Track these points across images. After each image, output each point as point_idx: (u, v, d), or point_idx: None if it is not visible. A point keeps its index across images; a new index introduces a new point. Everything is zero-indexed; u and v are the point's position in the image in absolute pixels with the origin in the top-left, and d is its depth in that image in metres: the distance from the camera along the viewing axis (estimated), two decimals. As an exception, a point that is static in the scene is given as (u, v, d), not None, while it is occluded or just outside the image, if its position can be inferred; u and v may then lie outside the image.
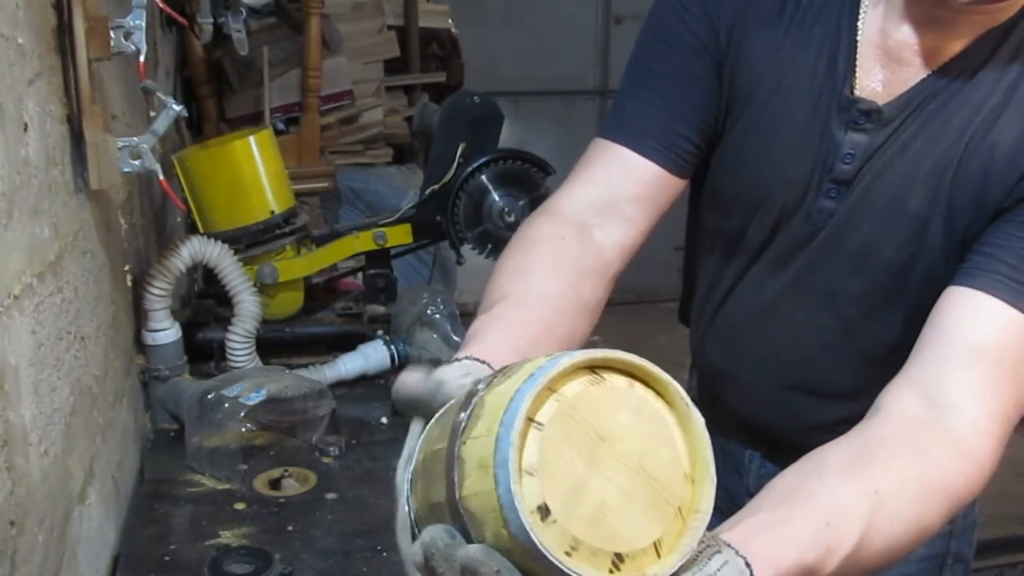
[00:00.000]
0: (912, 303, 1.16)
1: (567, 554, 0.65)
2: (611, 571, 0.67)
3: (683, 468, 0.70)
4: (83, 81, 1.17)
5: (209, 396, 1.49)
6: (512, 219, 1.91)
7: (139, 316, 1.64)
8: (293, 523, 1.35)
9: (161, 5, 1.68)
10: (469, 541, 0.70)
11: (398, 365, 1.86)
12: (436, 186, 2.00)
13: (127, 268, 1.58)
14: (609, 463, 0.67)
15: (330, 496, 1.43)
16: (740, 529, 0.82)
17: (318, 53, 3.76)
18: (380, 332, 1.90)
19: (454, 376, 0.84)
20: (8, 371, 0.87)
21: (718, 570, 0.74)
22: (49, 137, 1.08)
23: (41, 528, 0.95)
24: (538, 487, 0.65)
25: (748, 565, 0.76)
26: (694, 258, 1.41)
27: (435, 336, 1.82)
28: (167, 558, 1.26)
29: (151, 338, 1.63)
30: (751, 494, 1.09)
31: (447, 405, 0.80)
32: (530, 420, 0.66)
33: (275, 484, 1.47)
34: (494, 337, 0.97)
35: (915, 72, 1.11)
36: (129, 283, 1.59)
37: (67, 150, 1.17)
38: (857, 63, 1.13)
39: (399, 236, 2.04)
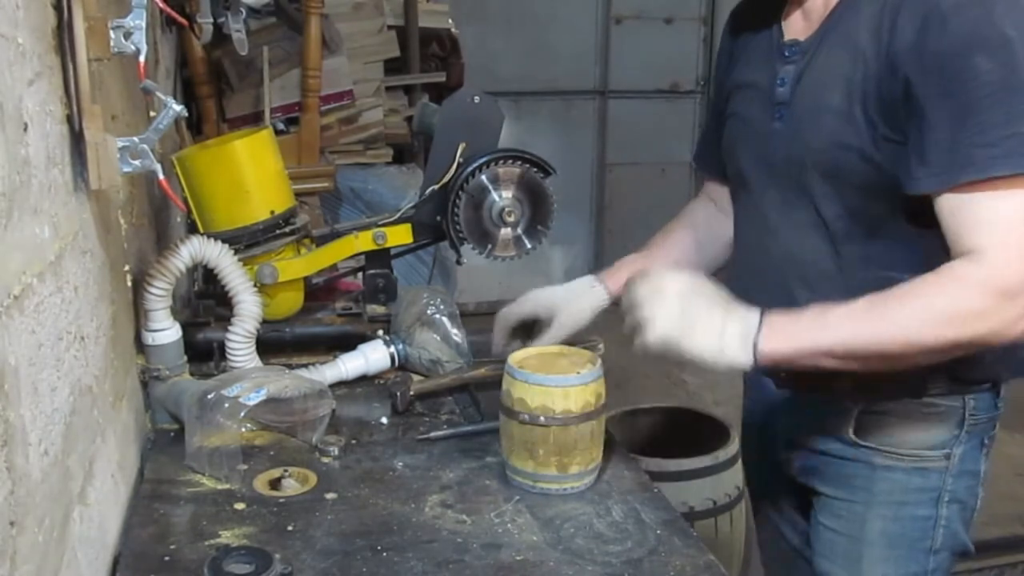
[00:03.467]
0: (853, 182, 1.44)
1: None
2: None
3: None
4: (83, 81, 1.17)
5: (209, 396, 1.49)
6: (512, 219, 1.91)
7: (139, 316, 1.64)
8: (293, 523, 1.35)
9: (161, 5, 1.68)
10: None
11: (398, 365, 1.86)
12: (436, 186, 2.00)
13: (127, 268, 1.58)
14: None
15: (330, 496, 1.43)
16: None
17: (318, 53, 3.76)
18: (380, 332, 1.90)
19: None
20: (8, 371, 0.87)
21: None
22: (49, 137, 1.08)
23: (41, 528, 0.95)
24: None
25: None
26: None
27: (435, 336, 1.82)
28: (167, 558, 1.26)
29: (151, 338, 1.63)
30: (782, 439, 1.71)
31: None
32: None
33: (275, 484, 1.47)
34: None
35: (821, 12, 1.49)
36: (129, 283, 1.59)
37: (67, 150, 1.17)
38: (784, 20, 1.57)
39: (399, 236, 2.03)
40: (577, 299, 1.72)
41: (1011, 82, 1.27)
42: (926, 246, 1.38)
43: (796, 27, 1.55)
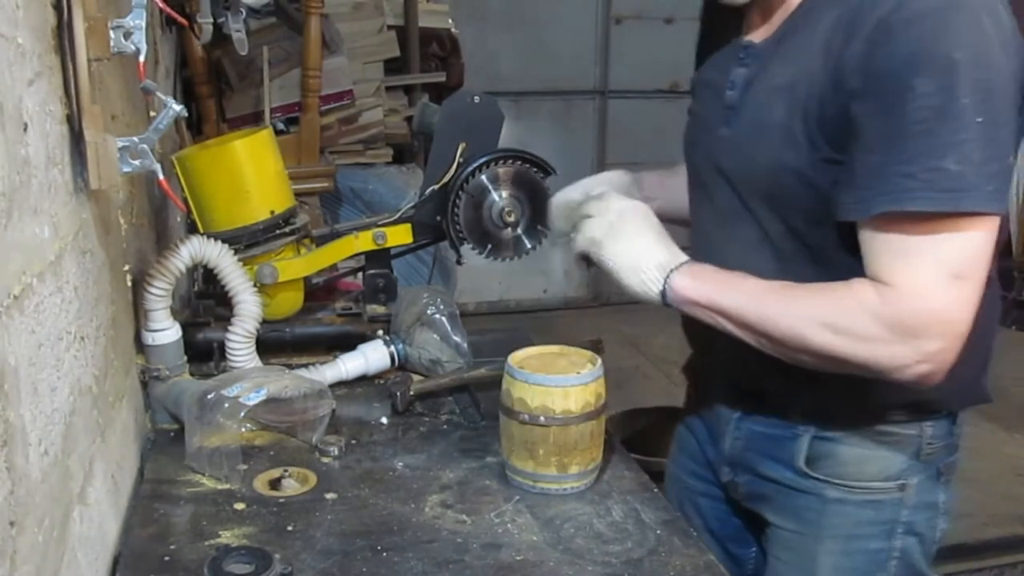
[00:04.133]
0: (794, 205, 1.38)
1: None
2: None
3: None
4: (83, 81, 1.17)
5: (209, 396, 1.49)
6: (512, 219, 1.91)
7: (139, 316, 1.64)
8: (293, 523, 1.35)
9: (161, 5, 1.68)
10: None
11: (398, 365, 1.86)
12: (436, 186, 2.00)
13: (127, 268, 1.58)
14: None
15: (330, 496, 1.43)
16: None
17: (318, 53, 3.76)
18: (380, 332, 1.90)
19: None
20: (8, 371, 0.87)
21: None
22: (49, 137, 1.08)
23: (41, 528, 0.95)
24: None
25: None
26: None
27: (435, 336, 1.82)
28: (167, 558, 1.26)
29: (151, 338, 1.63)
30: (728, 460, 1.63)
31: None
32: None
33: (275, 484, 1.47)
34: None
35: (781, 15, 1.42)
36: (129, 283, 1.59)
37: (67, 150, 1.17)
38: (746, 20, 1.50)
39: (399, 236, 2.03)
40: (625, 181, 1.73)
41: (947, 110, 1.18)
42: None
43: (755, 28, 1.48)
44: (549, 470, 1.45)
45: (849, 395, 1.42)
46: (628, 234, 1.44)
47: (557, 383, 1.43)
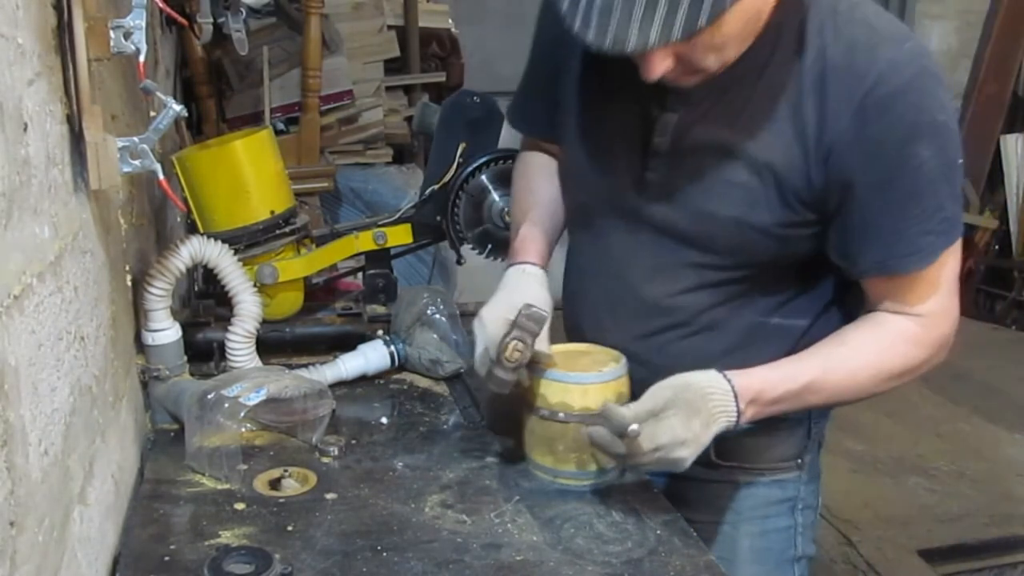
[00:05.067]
0: (746, 249, 1.41)
1: None
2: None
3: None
4: (83, 81, 1.17)
5: (209, 396, 1.49)
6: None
7: (139, 316, 1.64)
8: (293, 523, 1.35)
9: (161, 5, 1.68)
10: None
11: (398, 365, 1.86)
12: (436, 186, 2.00)
13: (127, 268, 1.58)
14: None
15: (330, 496, 1.43)
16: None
17: (318, 53, 3.77)
18: (380, 332, 1.90)
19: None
20: (8, 371, 0.87)
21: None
22: (49, 137, 1.08)
23: (41, 528, 0.95)
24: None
25: (729, 380, 1.35)
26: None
27: (435, 336, 1.82)
28: (167, 558, 1.26)
29: (151, 338, 1.63)
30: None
31: None
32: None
33: (275, 484, 1.47)
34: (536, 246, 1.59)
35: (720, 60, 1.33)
36: (129, 283, 1.59)
37: (67, 150, 1.17)
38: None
39: (399, 236, 2.04)
40: (544, 299, 1.52)
41: (946, 168, 1.31)
42: (818, 292, 1.49)
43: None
44: (568, 467, 1.45)
45: None
46: (699, 442, 1.35)
47: (576, 380, 1.43)
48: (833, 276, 1.48)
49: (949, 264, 1.37)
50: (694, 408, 1.33)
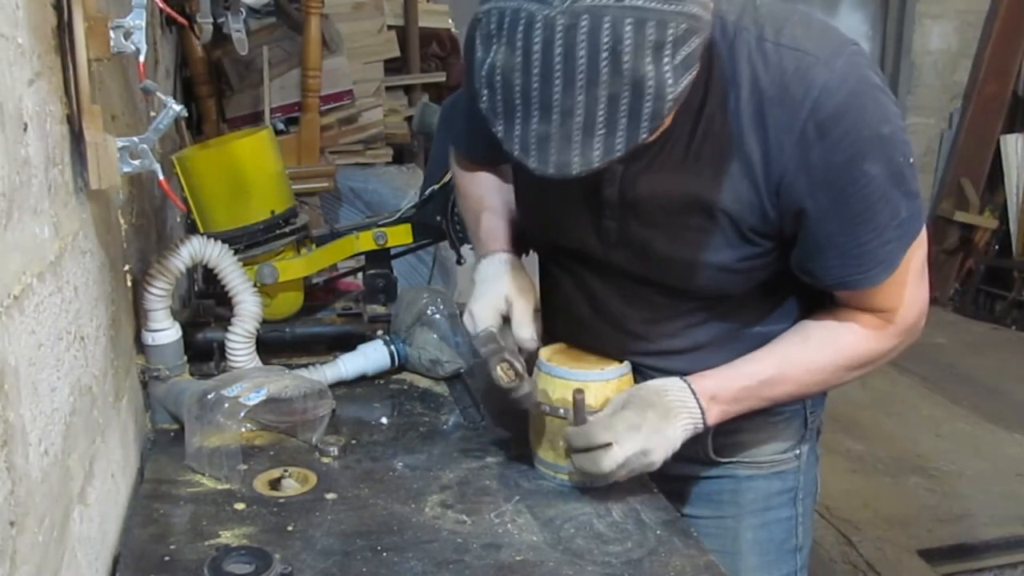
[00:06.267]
0: (711, 286, 1.42)
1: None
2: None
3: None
4: (83, 81, 1.17)
5: (209, 396, 1.49)
6: (512, 219, 1.90)
7: (139, 316, 1.64)
8: (293, 523, 1.35)
9: (161, 5, 1.68)
10: None
11: (398, 365, 1.86)
12: (436, 186, 2.00)
13: (127, 268, 1.58)
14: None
15: (330, 496, 1.43)
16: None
17: (318, 53, 3.76)
18: (380, 332, 1.91)
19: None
20: (8, 371, 0.87)
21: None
22: (49, 137, 1.08)
23: (41, 528, 0.95)
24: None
25: (686, 381, 1.41)
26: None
27: (435, 336, 1.82)
28: (167, 558, 1.26)
29: (151, 338, 1.63)
30: None
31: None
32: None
33: (275, 484, 1.47)
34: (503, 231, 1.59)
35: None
36: (129, 283, 1.59)
37: (67, 150, 1.17)
38: None
39: (399, 236, 2.04)
40: (523, 282, 1.53)
41: (896, 176, 1.29)
42: (780, 300, 1.49)
43: None
44: (569, 463, 1.44)
45: None
46: (661, 444, 1.38)
47: (579, 377, 1.44)
48: (800, 291, 1.48)
49: (914, 258, 1.37)
50: (647, 401, 1.38)
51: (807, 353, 1.43)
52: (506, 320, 1.48)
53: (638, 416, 1.37)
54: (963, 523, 3.50)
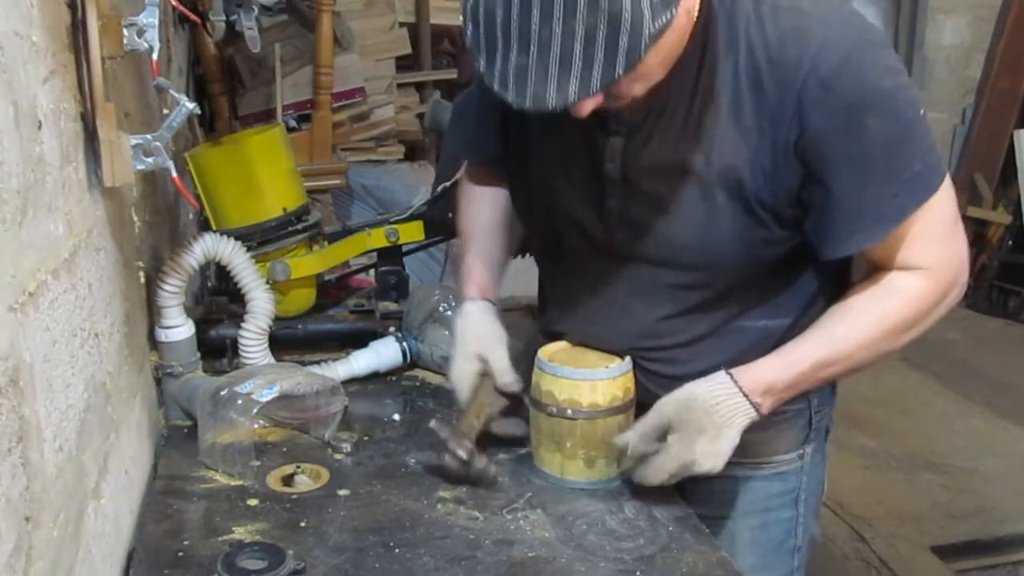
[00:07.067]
0: (716, 265, 1.39)
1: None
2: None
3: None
4: (97, 78, 1.18)
5: (222, 392, 1.49)
6: (524, 216, 1.90)
7: (152, 313, 1.64)
8: (306, 519, 1.36)
9: (174, 3, 1.69)
10: None
11: (410, 362, 1.86)
12: (448, 183, 2.00)
13: (140, 265, 1.59)
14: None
15: (343, 492, 1.44)
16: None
17: (330, 50, 3.77)
18: (392, 329, 1.91)
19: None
20: (23, 368, 0.87)
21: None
22: (63, 135, 1.09)
23: (56, 523, 0.95)
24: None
25: (737, 382, 1.36)
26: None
27: (447, 333, 1.83)
28: (181, 554, 1.27)
29: (164, 335, 1.64)
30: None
31: None
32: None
33: (288, 480, 1.47)
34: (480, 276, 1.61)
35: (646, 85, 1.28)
36: (142, 280, 1.60)
37: (81, 147, 1.18)
38: None
39: (411, 233, 2.04)
40: (494, 332, 1.57)
41: (899, 132, 1.28)
42: (785, 292, 1.46)
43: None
44: (576, 463, 1.45)
45: None
46: (724, 447, 1.37)
47: (584, 376, 1.43)
48: (813, 270, 1.46)
49: (937, 212, 1.34)
50: (698, 428, 1.35)
51: (855, 326, 1.39)
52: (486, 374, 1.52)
53: (688, 451, 1.35)
54: (977, 519, 3.49)
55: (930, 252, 1.36)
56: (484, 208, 1.69)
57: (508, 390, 1.50)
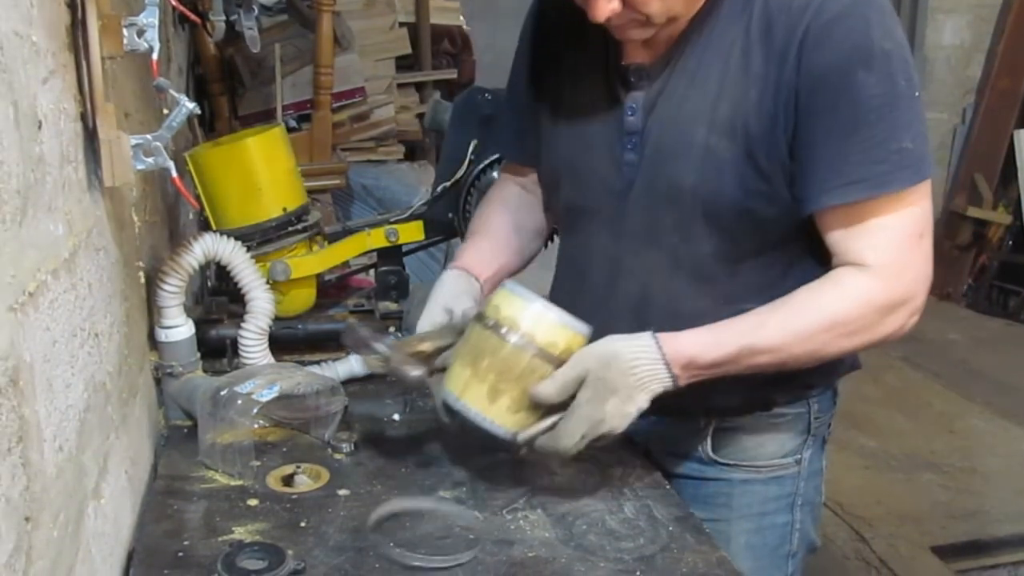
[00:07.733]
0: (720, 219, 1.40)
1: None
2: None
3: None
4: (96, 78, 1.18)
5: (222, 392, 1.49)
6: (524, 216, 1.90)
7: (152, 313, 1.64)
8: (306, 519, 1.36)
9: (174, 3, 1.69)
10: None
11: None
12: (448, 183, 2.00)
13: (140, 265, 1.59)
14: None
15: (342, 492, 1.43)
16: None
17: (330, 50, 3.77)
18: (392, 329, 1.91)
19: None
20: (23, 368, 0.87)
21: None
22: (63, 135, 1.09)
23: (56, 524, 0.95)
24: None
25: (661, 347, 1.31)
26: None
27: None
28: (181, 554, 1.27)
29: (164, 335, 1.64)
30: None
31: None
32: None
33: (288, 480, 1.47)
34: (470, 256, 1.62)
35: (668, 34, 1.38)
36: (142, 280, 1.60)
37: (81, 147, 1.18)
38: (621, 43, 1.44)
39: (411, 233, 2.04)
40: (468, 290, 1.57)
41: (892, 96, 1.28)
42: (793, 275, 1.42)
43: (634, 49, 1.44)
44: (481, 388, 1.33)
45: (743, 389, 1.47)
46: (630, 409, 1.33)
47: (535, 303, 1.33)
48: (814, 265, 1.42)
49: (910, 211, 1.33)
50: (612, 387, 1.30)
51: (790, 316, 1.36)
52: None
53: (597, 410, 1.30)
54: (977, 519, 3.49)
55: (889, 251, 1.34)
56: (495, 216, 1.71)
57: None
